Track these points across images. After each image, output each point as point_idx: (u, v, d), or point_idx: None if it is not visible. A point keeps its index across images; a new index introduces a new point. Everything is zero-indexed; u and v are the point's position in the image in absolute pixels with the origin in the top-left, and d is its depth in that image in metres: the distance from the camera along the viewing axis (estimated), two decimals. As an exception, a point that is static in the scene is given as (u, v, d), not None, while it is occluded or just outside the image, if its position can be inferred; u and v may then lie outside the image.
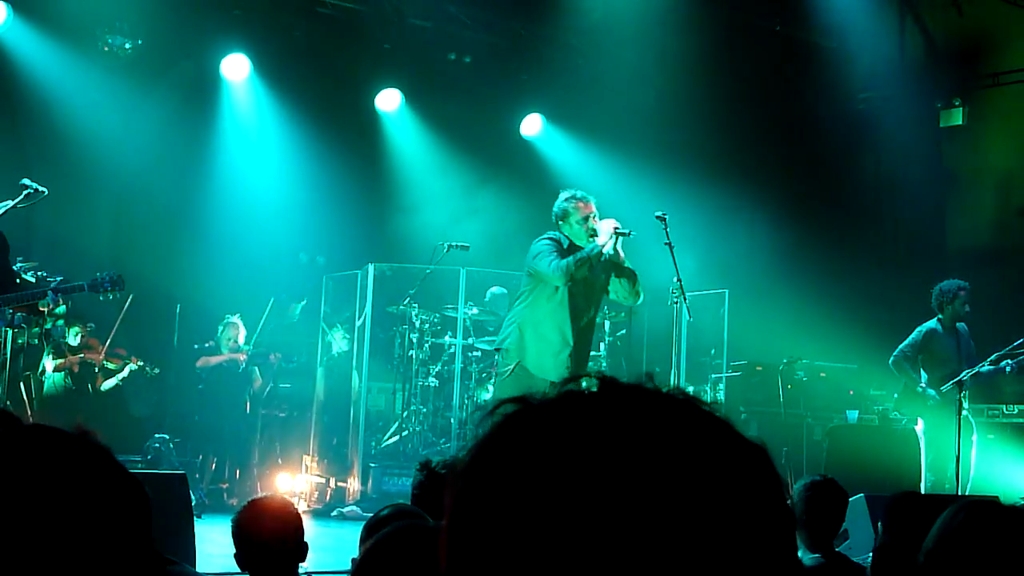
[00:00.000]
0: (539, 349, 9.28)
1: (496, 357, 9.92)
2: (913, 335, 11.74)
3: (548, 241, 9.29)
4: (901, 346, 11.73)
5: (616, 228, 9.18)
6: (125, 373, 13.12)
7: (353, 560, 3.56)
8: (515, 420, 1.11)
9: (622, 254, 9.32)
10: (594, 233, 9.25)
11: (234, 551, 4.47)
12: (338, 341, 14.57)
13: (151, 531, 1.37)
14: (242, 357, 13.46)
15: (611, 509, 1.03)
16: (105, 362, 13.08)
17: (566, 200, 9.43)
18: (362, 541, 4.50)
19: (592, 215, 9.32)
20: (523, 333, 9.33)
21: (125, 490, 1.32)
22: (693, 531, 1.03)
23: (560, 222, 9.40)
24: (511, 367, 9.34)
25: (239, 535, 4.47)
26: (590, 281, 9.42)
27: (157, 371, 13.34)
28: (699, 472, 1.06)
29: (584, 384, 1.14)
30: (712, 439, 1.09)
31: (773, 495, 1.10)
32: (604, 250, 9.18)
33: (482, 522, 1.07)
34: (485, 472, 1.09)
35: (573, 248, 9.22)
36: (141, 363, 13.14)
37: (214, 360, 13.46)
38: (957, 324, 11.72)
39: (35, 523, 1.25)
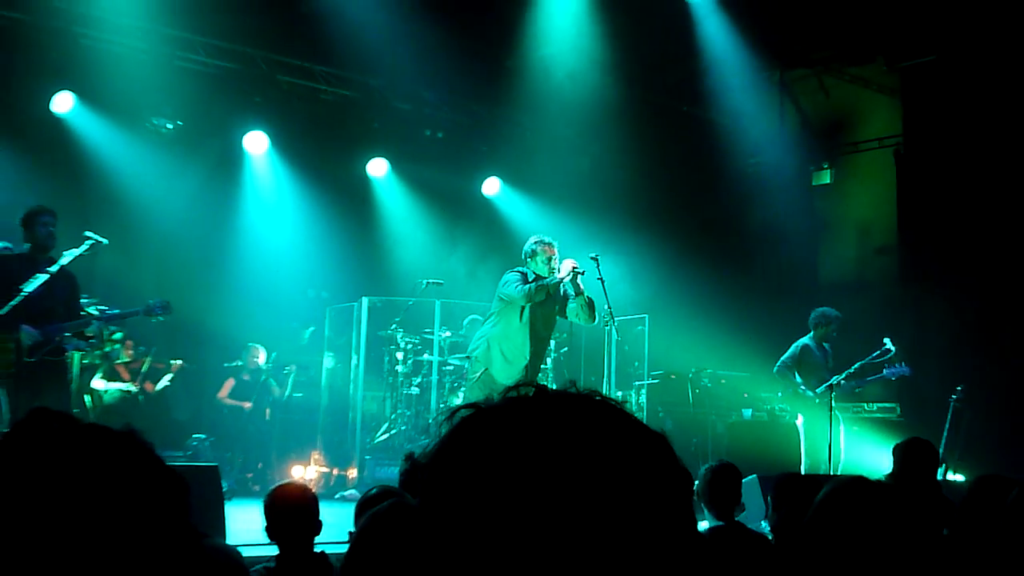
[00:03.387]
0: (504, 360, 9.33)
1: (465, 365, 9.90)
2: (791, 349, 11.82)
3: (517, 273, 9.38)
4: (783, 358, 11.80)
5: (574, 268, 9.24)
6: (174, 372, 13.23)
7: (351, 533, 3.53)
8: (468, 421, 1.15)
9: (581, 286, 9.34)
10: (554, 271, 9.31)
11: (264, 525, 4.42)
12: (328, 360, 14.60)
13: (188, 510, 1.38)
14: (247, 405, 13.50)
15: (542, 485, 1.06)
16: (153, 366, 13.12)
17: (535, 243, 9.50)
18: (356, 516, 4.47)
19: (554, 256, 9.39)
20: (491, 346, 9.37)
21: (163, 476, 1.35)
22: (610, 499, 1.07)
23: (528, 259, 9.47)
24: (479, 374, 9.36)
25: (270, 511, 4.43)
26: (547, 310, 9.47)
27: (194, 366, 13.55)
28: (612, 454, 1.10)
29: (522, 391, 1.17)
30: (622, 429, 1.13)
31: (671, 470, 1.13)
32: (561, 281, 9.24)
33: (445, 503, 1.10)
34: (445, 464, 1.13)
35: (536, 281, 9.29)
36: (184, 364, 13.33)
37: (228, 399, 13.52)
38: (823, 343, 11.82)
39: (92, 502, 1.28)
